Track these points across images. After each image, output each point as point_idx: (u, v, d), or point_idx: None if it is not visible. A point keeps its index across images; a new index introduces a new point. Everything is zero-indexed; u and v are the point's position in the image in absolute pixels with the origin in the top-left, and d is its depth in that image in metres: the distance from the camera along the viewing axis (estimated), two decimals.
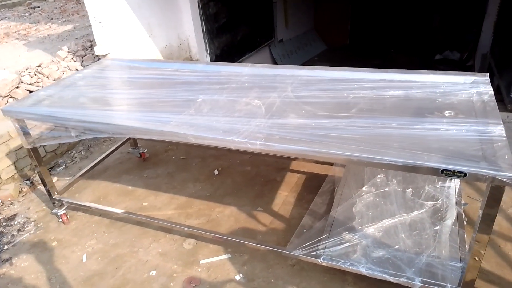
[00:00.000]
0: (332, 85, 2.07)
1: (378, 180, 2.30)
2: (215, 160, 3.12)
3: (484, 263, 1.97)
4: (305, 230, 2.23)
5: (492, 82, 4.76)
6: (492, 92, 1.78)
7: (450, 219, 1.99)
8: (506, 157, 1.35)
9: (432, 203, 2.10)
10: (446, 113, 1.69)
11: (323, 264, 1.86)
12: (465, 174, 1.33)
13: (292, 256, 1.96)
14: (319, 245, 1.95)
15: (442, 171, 1.35)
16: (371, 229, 2.00)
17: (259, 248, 2.05)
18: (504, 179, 1.28)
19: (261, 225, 2.41)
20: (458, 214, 2.04)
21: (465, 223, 2.04)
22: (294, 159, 2.94)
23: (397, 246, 1.88)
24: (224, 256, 2.21)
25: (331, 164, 2.67)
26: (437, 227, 1.96)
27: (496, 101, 1.72)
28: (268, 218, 2.46)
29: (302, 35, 7.69)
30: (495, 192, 1.36)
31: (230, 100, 2.03)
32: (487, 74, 1.92)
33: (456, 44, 6.59)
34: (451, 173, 1.34)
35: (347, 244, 1.93)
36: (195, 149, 3.29)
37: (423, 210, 2.06)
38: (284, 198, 2.61)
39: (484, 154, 1.39)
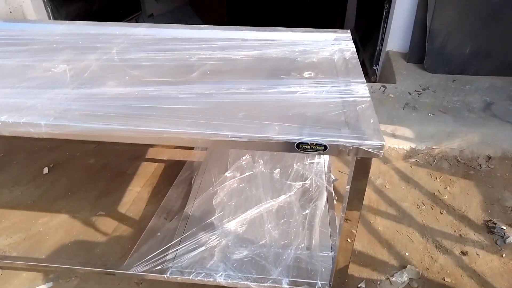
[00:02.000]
0: (173, 45, 1.58)
1: (243, 163, 1.95)
2: (47, 154, 2.39)
3: (356, 243, 1.78)
4: (158, 234, 1.75)
5: (358, 57, 4.80)
6: (354, 49, 1.52)
7: (320, 200, 1.74)
8: (371, 120, 1.07)
9: (301, 183, 1.83)
10: (306, 74, 1.37)
11: (171, 280, 1.42)
12: (325, 147, 1.00)
13: (130, 276, 1.46)
14: (167, 254, 1.50)
15: (298, 145, 1.00)
16: (233, 224, 1.62)
17: (87, 270, 1.50)
18: (370, 149, 0.99)
19: (101, 234, 1.84)
20: (328, 192, 1.80)
21: (335, 201, 1.81)
22: (151, 145, 2.41)
23: (262, 241, 1.54)
24: (44, 286, 1.59)
25: (192, 148, 2.23)
26: (307, 211, 1.69)
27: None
28: (111, 224, 1.90)
29: (176, 10, 7.01)
30: (361, 165, 1.07)
31: (22, 66, 1.39)
32: (349, 30, 1.68)
33: (326, 21, 6.80)
34: (309, 147, 1.00)
35: (203, 248, 1.52)
36: (20, 142, 2.49)
37: (292, 193, 1.77)
38: (136, 194, 2.08)
39: (346, 120, 1.09)
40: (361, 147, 0.99)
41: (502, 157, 2.25)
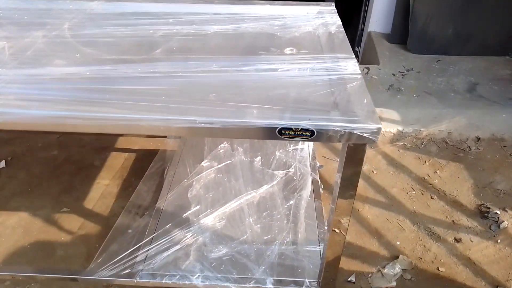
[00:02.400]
0: (135, 19, 1.38)
1: (221, 151, 1.77)
2: (4, 146, 2.15)
3: None
4: (129, 231, 1.57)
5: None
6: (340, 23, 1.36)
7: (305, 189, 1.59)
8: (364, 101, 0.91)
9: (284, 171, 1.67)
10: (287, 50, 1.19)
11: (141, 285, 1.25)
12: (312, 133, 0.84)
13: (94, 282, 1.29)
14: (137, 255, 1.32)
15: (280, 131, 0.83)
16: (211, 219, 1.45)
17: (46, 277, 1.31)
18: (365, 134, 0.83)
19: (65, 233, 1.64)
20: (314, 181, 1.65)
21: (321, 190, 1.67)
22: (121, 134, 2.20)
23: (243, 237, 1.39)
24: None
25: (165, 136, 2.03)
26: (291, 202, 1.54)
27: None
28: (77, 221, 1.70)
29: None
30: (354, 152, 0.92)
31: None
32: (333, 3, 1.51)
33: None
34: (293, 132, 0.84)
35: (178, 246, 1.35)
36: None
37: (274, 183, 1.61)
38: (104, 188, 1.88)
39: (336, 100, 0.93)
40: (355, 132, 0.83)
41: (491, 138, 2.16)
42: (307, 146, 1.82)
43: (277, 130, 0.83)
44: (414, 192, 1.86)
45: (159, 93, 0.94)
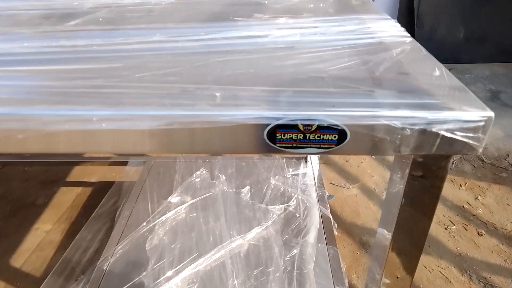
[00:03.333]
0: None
1: (196, 180, 1.30)
2: None
3: None
4: None
5: None
6: None
7: (312, 230, 1.11)
8: (436, 72, 0.46)
9: (282, 206, 1.19)
10: (280, 19, 0.75)
11: None
12: (342, 135, 0.38)
13: None
14: None
15: (273, 132, 0.37)
16: (176, 281, 0.96)
17: None
18: (458, 134, 0.37)
19: None
20: (324, 218, 1.18)
21: (335, 231, 1.19)
22: (77, 163, 1.73)
23: None
24: None
25: (125, 163, 1.56)
26: (294, 251, 1.05)
27: None
28: None
29: None
30: (424, 171, 0.45)
31: None
32: None
33: None
34: (301, 135, 0.38)
35: None
36: None
37: (269, 223, 1.13)
38: (43, 236, 1.38)
39: (377, 74, 0.47)
40: (434, 129, 0.37)
41: None
42: (311, 169, 1.36)
43: (266, 131, 0.37)
44: (454, 226, 1.38)
45: (43, 76, 0.48)
